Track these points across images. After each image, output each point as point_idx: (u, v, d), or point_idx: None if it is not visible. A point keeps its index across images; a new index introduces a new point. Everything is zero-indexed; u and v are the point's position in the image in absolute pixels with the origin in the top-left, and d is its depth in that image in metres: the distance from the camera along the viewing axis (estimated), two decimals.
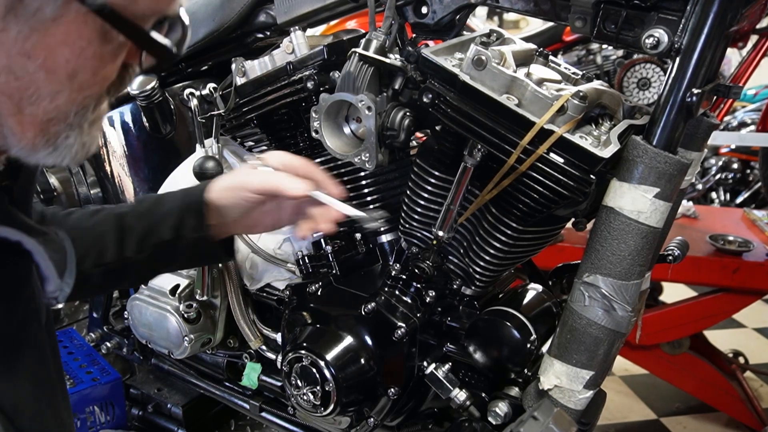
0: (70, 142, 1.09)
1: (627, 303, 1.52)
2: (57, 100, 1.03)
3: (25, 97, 1.01)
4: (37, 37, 0.96)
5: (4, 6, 0.92)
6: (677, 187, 1.48)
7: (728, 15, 1.42)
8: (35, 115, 1.03)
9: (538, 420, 1.57)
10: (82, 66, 1.01)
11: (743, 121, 6.09)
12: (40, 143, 1.06)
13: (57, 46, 0.98)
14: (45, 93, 1.01)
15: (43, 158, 1.09)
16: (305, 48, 1.87)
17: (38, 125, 1.05)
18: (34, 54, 0.97)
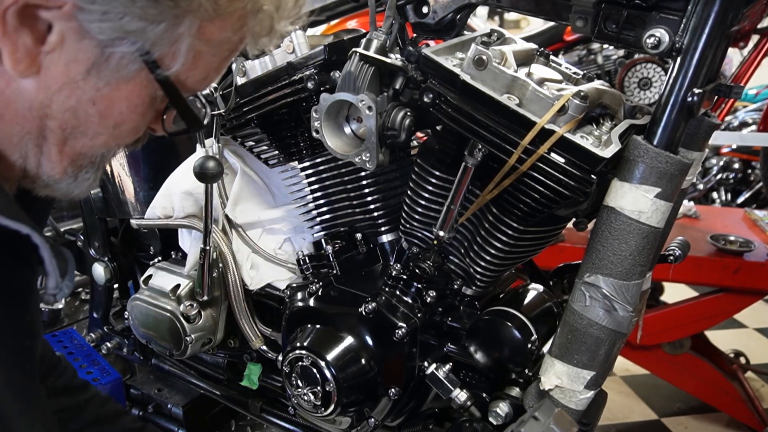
0: (87, 177, 1.24)
1: (628, 303, 1.52)
2: (95, 141, 1.18)
3: (73, 134, 1.15)
4: (107, 90, 1.11)
5: (92, 62, 1.07)
6: (678, 187, 1.48)
7: (729, 15, 1.42)
8: (74, 148, 1.17)
9: (539, 420, 1.57)
10: (128, 119, 1.17)
11: (744, 121, 6.09)
12: (68, 172, 1.21)
13: (118, 100, 1.13)
14: (90, 132, 1.16)
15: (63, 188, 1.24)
16: (306, 48, 1.87)
17: (72, 157, 1.19)
18: (98, 103, 1.12)
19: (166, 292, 2.26)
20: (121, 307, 2.76)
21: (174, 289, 2.25)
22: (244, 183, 2.21)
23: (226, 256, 2.17)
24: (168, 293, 2.25)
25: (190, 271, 2.28)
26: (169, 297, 2.25)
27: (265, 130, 1.99)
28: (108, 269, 2.67)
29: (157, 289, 2.29)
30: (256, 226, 2.21)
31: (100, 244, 2.67)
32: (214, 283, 2.18)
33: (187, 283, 2.24)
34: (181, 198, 2.23)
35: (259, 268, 2.18)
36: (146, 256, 2.59)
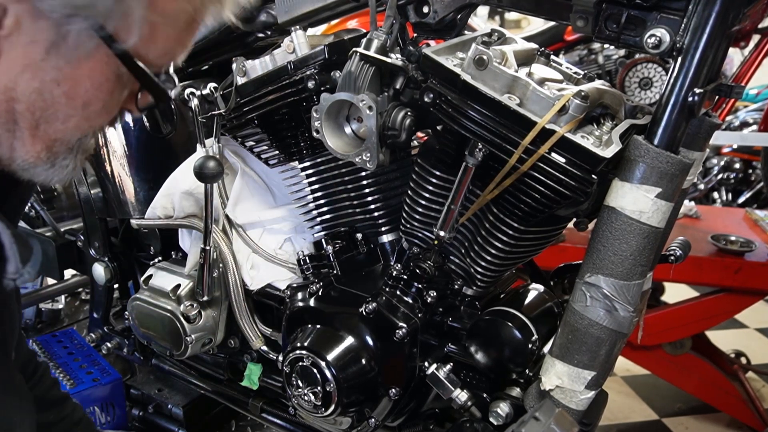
0: (65, 163, 1.26)
1: (629, 303, 1.51)
2: (68, 123, 1.20)
3: (44, 117, 1.17)
4: (69, 69, 1.14)
5: (50, 42, 1.10)
6: (679, 187, 1.48)
7: (730, 14, 1.42)
8: (47, 132, 1.19)
9: (539, 420, 1.57)
10: (95, 98, 1.19)
11: (745, 121, 6.09)
12: (42, 159, 1.23)
13: (82, 79, 1.16)
14: (61, 115, 1.18)
15: (39, 173, 1.25)
16: (306, 47, 1.87)
17: (46, 142, 1.21)
18: (62, 82, 1.14)
19: (166, 292, 2.26)
20: (122, 307, 2.77)
21: (174, 289, 2.25)
22: (245, 183, 2.20)
23: (227, 256, 2.17)
24: (168, 293, 2.25)
25: (190, 271, 2.28)
26: (169, 297, 2.25)
27: (265, 130, 1.98)
28: (108, 269, 2.67)
29: (158, 289, 2.29)
30: (256, 226, 2.21)
31: (101, 244, 2.67)
32: (215, 283, 2.18)
33: (187, 283, 2.25)
34: (182, 198, 2.23)
35: (259, 268, 2.18)
36: (146, 256, 2.59)
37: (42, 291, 3.34)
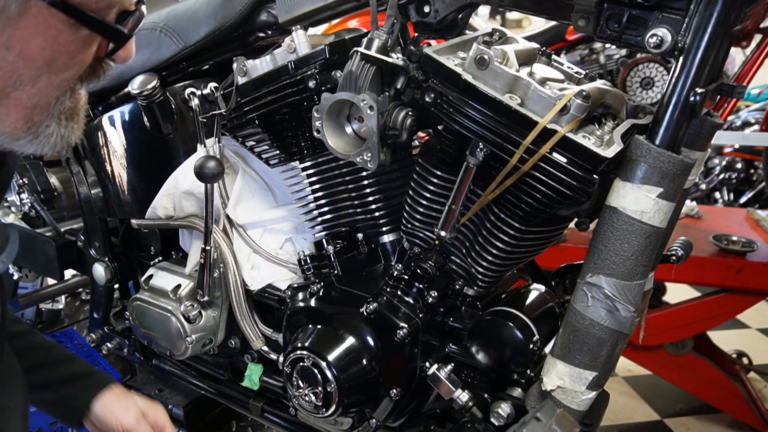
0: (50, 131, 1.22)
1: (630, 303, 1.51)
2: (38, 84, 1.15)
3: (9, 84, 1.13)
4: (10, 31, 1.08)
5: None
6: (681, 186, 1.47)
7: (732, 14, 1.42)
8: (19, 99, 1.15)
9: (540, 421, 1.57)
10: (58, 51, 1.13)
11: (747, 121, 6.08)
12: (23, 130, 1.19)
13: (30, 37, 1.09)
14: (26, 78, 1.13)
15: (23, 146, 1.22)
16: (307, 47, 1.87)
17: (22, 110, 1.16)
18: (11, 46, 1.09)
19: (166, 293, 2.26)
20: (122, 307, 2.76)
21: (175, 289, 2.25)
22: (245, 183, 2.20)
23: (227, 257, 2.16)
24: (169, 293, 2.25)
25: (190, 271, 2.28)
26: (169, 297, 2.25)
27: (266, 130, 1.98)
28: (108, 269, 2.67)
29: (158, 290, 2.29)
30: (257, 226, 2.20)
31: (101, 244, 2.67)
32: (215, 283, 2.18)
33: (187, 284, 2.24)
34: (182, 198, 2.23)
35: (260, 268, 2.18)
36: (147, 256, 2.59)
37: (42, 291, 3.34)
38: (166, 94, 2.27)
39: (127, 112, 2.37)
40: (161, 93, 2.24)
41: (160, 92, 2.24)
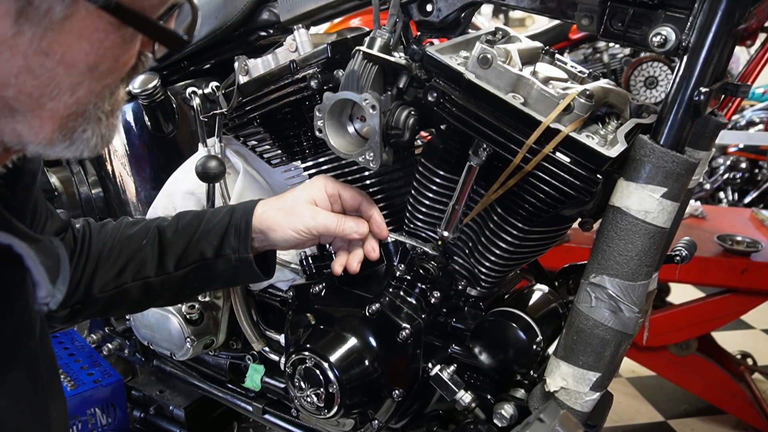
0: (87, 135, 1.11)
1: (634, 304, 1.51)
2: (77, 92, 1.04)
3: (46, 93, 1.02)
4: (53, 35, 0.97)
5: (15, 11, 0.94)
6: (685, 186, 1.47)
7: (736, 13, 1.41)
8: (56, 110, 1.04)
9: (544, 422, 1.56)
10: (103, 56, 1.03)
11: (751, 120, 6.08)
12: (58, 138, 1.08)
13: (74, 42, 0.99)
14: (65, 87, 1.03)
15: (60, 152, 1.11)
16: (309, 46, 1.86)
17: (58, 120, 1.06)
18: (51, 51, 0.99)
19: None
20: None
21: None
22: (247, 183, 2.20)
23: None
24: None
25: None
26: None
27: (267, 130, 1.97)
28: None
29: None
30: None
31: None
32: None
33: None
34: (183, 198, 2.22)
35: None
36: None
37: None
38: (167, 94, 2.27)
39: (128, 112, 2.37)
40: (162, 92, 2.24)
41: (161, 91, 2.23)
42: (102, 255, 1.84)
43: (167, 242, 1.84)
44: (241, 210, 1.82)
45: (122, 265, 1.83)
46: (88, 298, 1.82)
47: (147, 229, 1.86)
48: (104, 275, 1.83)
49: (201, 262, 1.82)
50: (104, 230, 1.89)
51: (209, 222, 1.83)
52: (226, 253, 1.80)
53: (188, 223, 1.85)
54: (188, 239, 1.83)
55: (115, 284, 1.83)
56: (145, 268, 1.83)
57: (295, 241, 1.78)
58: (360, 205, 1.80)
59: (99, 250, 1.85)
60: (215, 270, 1.83)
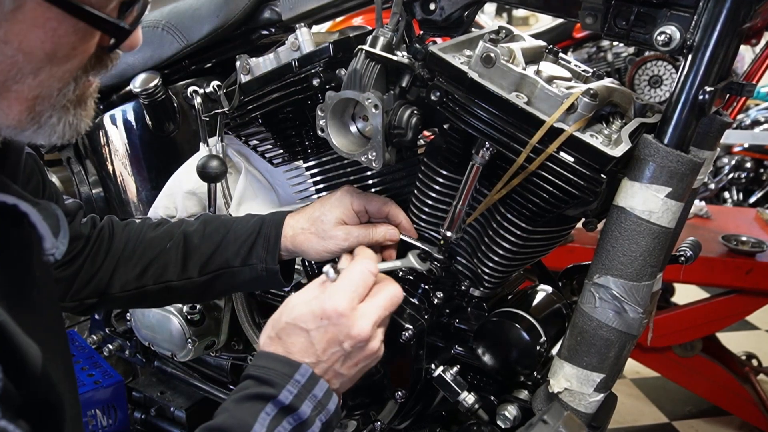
0: (54, 121, 1.19)
1: (638, 304, 1.50)
2: (39, 76, 1.12)
3: (9, 78, 1.10)
4: (7, 25, 1.05)
5: None
6: (689, 186, 1.46)
7: (741, 11, 1.41)
8: (20, 92, 1.12)
9: (547, 423, 1.55)
10: (58, 44, 1.11)
11: (756, 120, 6.07)
12: (26, 120, 1.16)
13: (29, 30, 1.07)
14: (27, 71, 1.11)
15: (30, 136, 1.20)
16: (311, 45, 1.85)
17: (24, 102, 1.14)
18: (9, 40, 1.07)
19: None
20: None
21: None
22: (248, 182, 2.19)
23: None
24: None
25: None
26: None
27: (269, 129, 1.97)
28: None
29: None
30: None
31: None
32: None
33: None
34: (184, 198, 2.22)
35: None
36: None
37: None
38: (168, 93, 2.27)
39: (128, 111, 2.37)
40: (163, 91, 2.24)
41: (162, 91, 2.23)
42: (123, 254, 1.88)
43: (193, 247, 1.87)
44: (270, 222, 1.85)
45: (144, 267, 1.87)
46: (105, 295, 1.87)
47: (171, 233, 1.90)
48: (125, 275, 1.87)
49: (226, 270, 1.85)
50: (127, 229, 1.92)
51: (237, 230, 1.86)
52: (252, 262, 1.83)
53: (215, 229, 1.88)
54: (215, 246, 1.86)
55: (135, 285, 1.87)
56: (168, 271, 1.87)
57: (328, 258, 1.80)
58: (388, 214, 1.81)
59: (120, 248, 1.89)
60: (239, 278, 1.86)
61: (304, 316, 1.44)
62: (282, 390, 1.35)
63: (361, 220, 1.82)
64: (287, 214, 1.85)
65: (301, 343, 1.43)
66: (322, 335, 1.41)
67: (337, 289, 1.44)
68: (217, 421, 1.35)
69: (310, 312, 1.43)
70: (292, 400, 1.35)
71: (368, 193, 1.84)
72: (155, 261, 1.87)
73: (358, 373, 1.50)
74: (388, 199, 1.82)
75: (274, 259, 1.82)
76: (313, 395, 1.38)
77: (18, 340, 1.08)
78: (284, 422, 1.33)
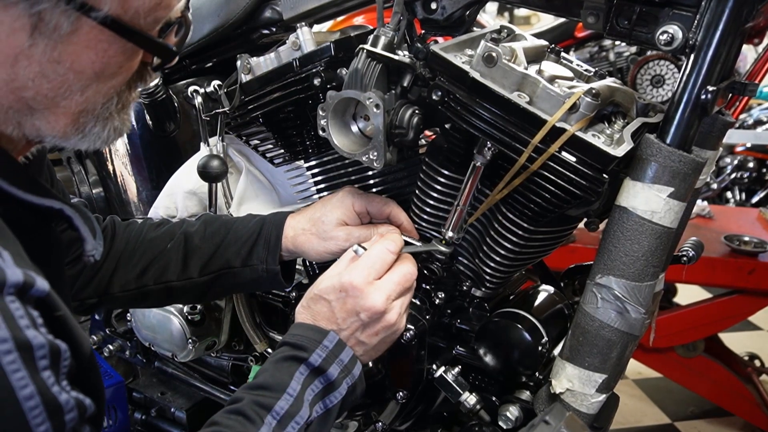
0: (98, 130, 1.27)
1: (640, 305, 1.50)
2: (86, 93, 1.20)
3: (59, 94, 1.18)
4: (62, 46, 1.13)
5: (30, 26, 1.09)
6: (692, 186, 1.46)
7: (744, 11, 1.41)
8: (68, 107, 1.20)
9: (549, 424, 1.54)
10: (107, 63, 1.18)
11: (759, 119, 6.06)
12: (71, 132, 1.24)
13: (82, 51, 1.15)
14: (76, 89, 1.18)
15: (75, 143, 1.28)
16: (312, 44, 1.85)
17: (70, 116, 1.22)
18: (62, 60, 1.14)
19: None
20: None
21: None
22: (249, 182, 2.19)
23: None
24: None
25: None
26: None
27: (270, 129, 1.96)
28: None
29: None
30: None
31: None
32: None
33: None
34: (185, 197, 2.22)
35: None
36: None
37: None
38: (168, 92, 2.27)
39: None
40: (164, 91, 2.24)
41: (163, 90, 2.23)
42: (124, 254, 1.91)
43: (194, 248, 1.89)
44: (271, 222, 1.87)
45: (144, 267, 1.89)
46: (106, 295, 1.90)
47: (172, 233, 1.92)
48: (125, 275, 1.90)
49: (226, 270, 1.88)
50: (128, 229, 1.95)
51: (238, 231, 1.88)
52: (253, 263, 1.85)
53: (216, 230, 1.90)
54: (215, 246, 1.88)
55: (136, 285, 1.90)
56: (168, 271, 1.89)
57: (329, 259, 1.83)
58: (389, 215, 1.82)
59: (121, 248, 1.92)
60: (240, 278, 1.88)
61: (327, 288, 1.56)
62: (312, 353, 1.48)
63: (363, 221, 1.83)
64: (288, 215, 1.86)
65: (324, 312, 1.56)
66: (341, 306, 1.54)
67: (357, 265, 1.55)
68: (258, 380, 1.46)
69: (332, 285, 1.55)
70: (321, 363, 1.48)
71: (369, 194, 1.84)
72: (156, 261, 1.89)
73: (381, 344, 1.60)
74: (389, 200, 1.82)
75: (274, 260, 1.84)
76: (340, 360, 1.51)
77: (76, 332, 1.16)
78: (316, 381, 1.46)
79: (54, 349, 1.04)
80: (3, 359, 0.97)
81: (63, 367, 1.06)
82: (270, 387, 1.43)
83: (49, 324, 1.06)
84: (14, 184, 1.20)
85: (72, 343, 1.11)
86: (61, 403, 1.03)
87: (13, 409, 0.97)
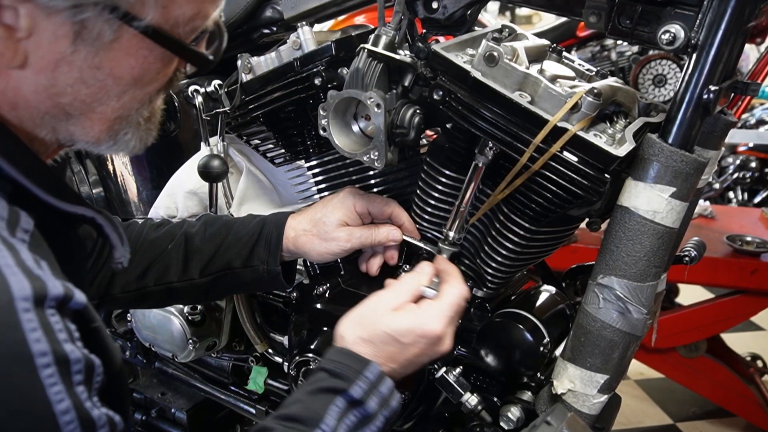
0: (128, 137, 1.31)
1: (642, 305, 1.50)
2: (123, 99, 1.24)
3: (96, 100, 1.21)
4: (104, 53, 1.16)
5: (73, 33, 1.12)
6: (694, 186, 1.46)
7: (746, 10, 1.41)
8: (104, 113, 1.24)
9: (551, 425, 1.54)
10: (146, 70, 1.22)
11: (761, 119, 6.06)
12: (104, 138, 1.28)
13: (122, 58, 1.19)
14: (113, 95, 1.22)
15: (104, 149, 1.32)
16: (313, 44, 1.84)
17: (106, 122, 1.25)
18: (102, 66, 1.18)
19: None
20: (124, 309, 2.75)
21: None
22: (250, 182, 2.19)
23: None
24: None
25: None
26: None
27: (271, 128, 1.96)
28: None
29: None
30: None
31: None
32: None
33: None
34: (185, 197, 2.22)
35: None
36: None
37: None
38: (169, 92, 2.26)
39: None
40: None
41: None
42: None
43: (194, 249, 1.90)
44: (272, 223, 1.87)
45: (144, 268, 1.89)
46: (106, 296, 1.90)
47: (173, 234, 1.92)
48: (125, 276, 1.90)
49: (227, 271, 1.88)
50: (129, 230, 1.94)
51: (239, 231, 1.88)
52: (254, 264, 1.85)
53: (217, 230, 1.90)
54: (216, 247, 1.88)
55: (136, 286, 1.90)
56: (169, 272, 1.89)
57: (331, 259, 1.86)
58: (390, 215, 1.82)
59: None
60: (241, 279, 1.89)
61: (404, 331, 1.50)
62: (352, 385, 1.42)
63: (364, 222, 1.83)
64: (289, 215, 1.86)
65: (392, 352, 1.50)
66: (415, 350, 1.50)
67: (439, 312, 1.52)
68: (292, 411, 1.41)
69: (410, 329, 1.49)
70: (362, 395, 1.42)
71: (371, 194, 1.84)
72: (156, 262, 1.89)
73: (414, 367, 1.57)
74: (390, 200, 1.82)
75: (275, 261, 1.84)
76: (379, 391, 1.45)
77: (109, 343, 1.19)
78: (350, 415, 1.40)
79: (89, 364, 1.06)
80: (42, 373, 0.98)
81: (95, 383, 1.08)
82: (304, 420, 1.37)
83: (84, 336, 1.08)
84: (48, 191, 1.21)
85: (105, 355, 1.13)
86: (94, 419, 1.04)
87: (50, 423, 0.98)
